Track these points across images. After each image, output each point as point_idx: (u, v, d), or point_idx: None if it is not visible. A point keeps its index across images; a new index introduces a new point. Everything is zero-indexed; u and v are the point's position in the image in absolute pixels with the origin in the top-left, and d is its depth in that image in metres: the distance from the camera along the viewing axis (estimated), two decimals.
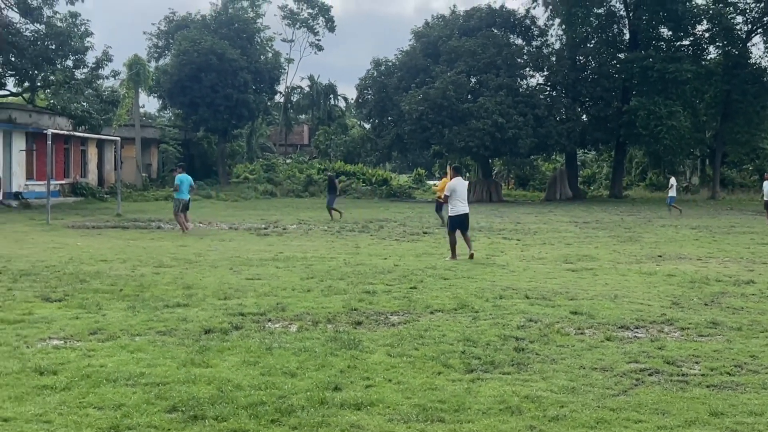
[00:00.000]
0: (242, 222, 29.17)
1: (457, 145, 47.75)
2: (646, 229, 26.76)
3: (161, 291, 12.13)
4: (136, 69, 52.31)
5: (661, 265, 16.60)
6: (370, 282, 13.40)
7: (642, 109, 47.06)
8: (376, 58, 56.24)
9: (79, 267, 14.95)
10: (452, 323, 9.95)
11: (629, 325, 10.07)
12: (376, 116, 55.83)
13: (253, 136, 70.41)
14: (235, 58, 53.18)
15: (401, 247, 20.28)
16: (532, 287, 13.00)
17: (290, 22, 73.39)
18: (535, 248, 20.12)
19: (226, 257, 17.07)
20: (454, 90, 47.50)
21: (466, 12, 55.87)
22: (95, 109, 39.36)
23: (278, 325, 9.84)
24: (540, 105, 48.73)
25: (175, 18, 60.75)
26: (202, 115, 54.70)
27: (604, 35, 54.49)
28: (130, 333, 9.14)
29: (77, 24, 38.21)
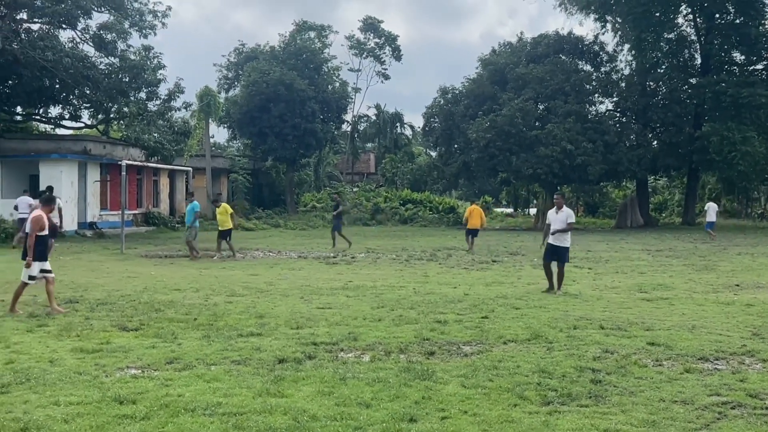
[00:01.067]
0: (311, 250, 29.32)
1: (525, 172, 47.44)
2: (721, 257, 26.16)
3: (234, 320, 12.24)
4: (207, 100, 53.17)
5: (739, 294, 16.21)
6: (441, 311, 13.34)
7: (715, 134, 46.12)
8: (442, 86, 56.20)
9: (154, 296, 15.18)
10: (526, 354, 9.85)
11: (709, 356, 9.84)
12: (442, 144, 55.74)
13: (320, 165, 70.88)
14: (303, 89, 53.77)
15: (470, 276, 20.15)
16: (606, 317, 12.80)
17: (357, 51, 73.94)
18: (607, 277, 19.83)
19: (297, 286, 17.16)
20: (521, 117, 47.26)
21: (534, 39, 55.56)
22: (167, 139, 40.02)
23: (351, 354, 9.84)
24: (609, 131, 48.14)
25: (244, 50, 61.72)
26: (270, 145, 55.32)
27: (675, 60, 53.64)
28: (206, 362, 9.24)
29: (150, 57, 38.99)
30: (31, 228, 13.06)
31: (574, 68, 52.12)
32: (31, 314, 12.81)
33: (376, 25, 72.97)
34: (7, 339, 10.64)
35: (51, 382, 8.26)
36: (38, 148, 38.96)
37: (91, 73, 36.19)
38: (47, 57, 33.90)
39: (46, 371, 8.75)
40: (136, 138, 38.80)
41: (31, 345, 10.29)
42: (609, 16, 53.54)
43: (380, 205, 57.21)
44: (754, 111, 47.30)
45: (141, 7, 38.50)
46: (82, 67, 35.68)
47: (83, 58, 36.47)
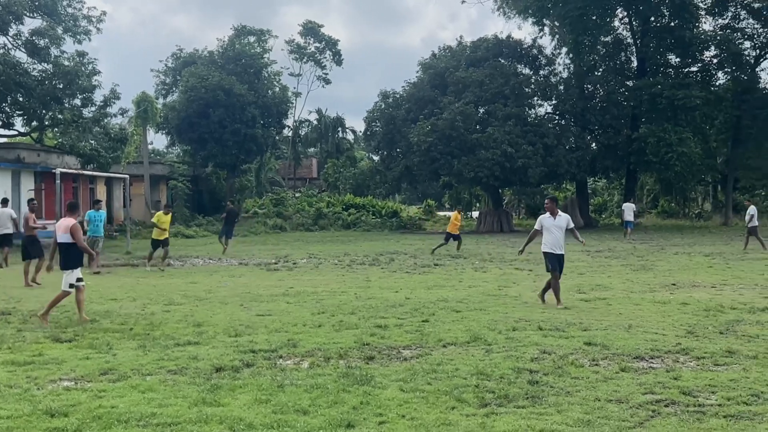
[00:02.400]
0: (252, 257, 29.13)
1: (467, 175, 47.70)
2: (659, 257, 26.59)
3: (172, 329, 12.08)
4: (144, 106, 52.47)
5: (675, 293, 16.49)
6: (382, 316, 13.33)
7: (652, 136, 46.95)
8: (383, 90, 56.32)
9: (89, 306, 14.86)
10: (465, 356, 9.88)
11: (644, 355, 9.98)
12: (384, 148, 55.76)
13: (261, 171, 70.49)
14: (242, 94, 53.40)
15: (412, 280, 20.19)
16: (545, 318, 12.90)
17: (297, 56, 73.79)
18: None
19: (237, 293, 17.02)
20: (462, 121, 47.52)
21: (473, 43, 55.96)
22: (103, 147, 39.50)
23: (290, 361, 9.77)
24: (549, 134, 48.67)
25: (182, 55, 61.17)
26: (210, 151, 54.80)
27: (612, 63, 54.52)
28: (141, 372, 9.09)
29: (84, 63, 38.44)
30: (76, 236, 13.36)
31: (514, 72, 52.60)
32: None
33: (317, 30, 72.93)
34: None
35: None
36: None
37: (23, 79, 35.54)
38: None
39: None
40: (72, 145, 38.15)
41: None
42: (547, 20, 54.29)
43: (323, 211, 57.06)
44: (690, 112, 48.32)
45: (75, 12, 37.94)
46: (14, 74, 35.01)
47: (15, 65, 35.78)
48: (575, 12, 48.12)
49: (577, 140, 51.31)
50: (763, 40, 52.69)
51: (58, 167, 34.90)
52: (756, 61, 53.41)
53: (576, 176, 51.72)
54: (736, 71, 52.60)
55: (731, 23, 52.92)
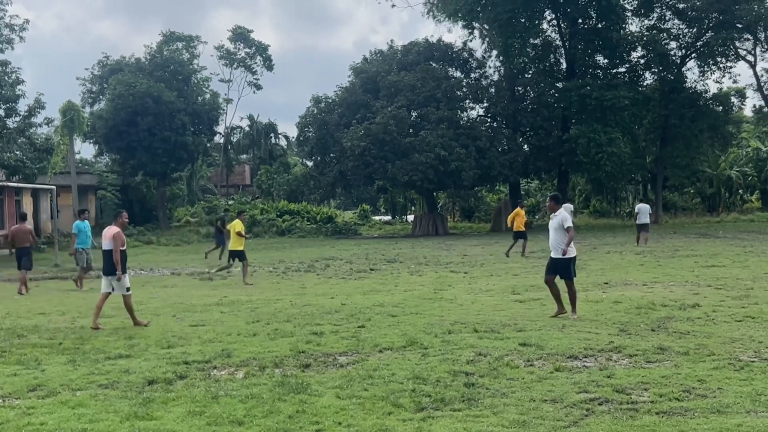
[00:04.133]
0: (185, 267, 28.76)
1: (401, 179, 47.84)
2: (591, 256, 26.96)
3: (102, 343, 11.83)
4: (70, 115, 51.42)
5: (608, 292, 16.72)
6: (318, 323, 13.25)
7: (582, 136, 47.70)
8: (315, 95, 56.00)
9: (17, 321, 14.55)
10: (401, 361, 9.85)
11: (578, 354, 10.08)
12: (318, 153, 55.53)
13: (193, 179, 69.80)
14: (171, 101, 52.73)
15: (348, 286, 20.13)
16: (480, 320, 12.95)
17: (227, 62, 73.20)
18: (482, 280, 20.14)
19: (169, 304, 16.78)
20: (395, 124, 47.66)
21: (404, 47, 56.20)
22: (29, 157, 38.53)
23: (224, 372, 9.64)
24: (481, 136, 49.10)
25: (108, 62, 60.03)
26: (139, 159, 53.99)
27: (542, 65, 55.22)
28: (71, 388, 8.87)
29: (8, 72, 37.59)
30: (115, 244, 13.64)
31: (445, 75, 52.92)
32: None
33: (246, 35, 72.39)
34: None
35: None
36: None
37: None
38: None
39: None
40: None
41: None
42: (476, 23, 54.71)
43: (257, 218, 56.64)
44: (619, 113, 49.21)
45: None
46: None
47: None
48: (504, 15, 48.62)
49: (509, 142, 51.85)
50: (689, 40, 54.00)
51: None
52: (682, 60, 54.64)
53: (509, 178, 52.27)
54: (662, 71, 53.79)
55: (657, 24, 54.18)
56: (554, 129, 51.59)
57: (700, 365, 9.21)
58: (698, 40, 53.78)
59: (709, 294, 15.85)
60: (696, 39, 53.83)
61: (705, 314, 13.08)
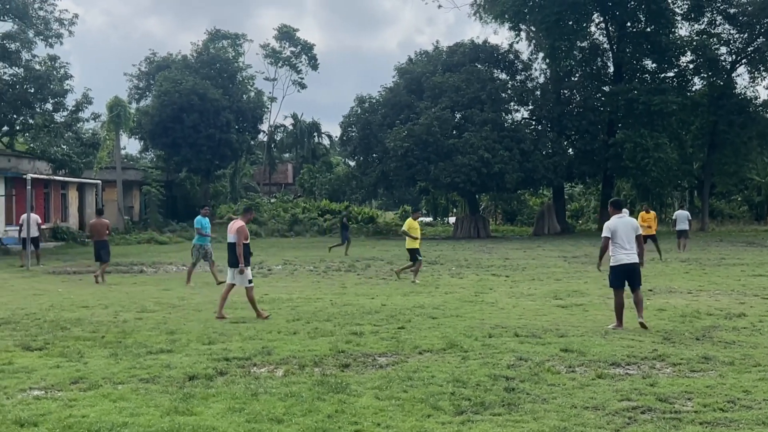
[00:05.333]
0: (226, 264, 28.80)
1: (443, 181, 47.76)
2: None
3: (144, 337, 11.92)
4: (117, 111, 52.13)
5: (652, 299, 16.47)
6: (357, 323, 13.23)
7: (628, 141, 47.23)
8: (359, 95, 56.27)
9: (60, 314, 14.71)
10: (441, 364, 9.79)
11: (620, 361, 9.93)
12: (360, 153, 55.70)
13: (236, 176, 70.30)
14: (216, 98, 53.12)
15: (388, 286, 20.09)
16: (521, 325, 12.85)
17: (273, 60, 73.59)
18: (524, 284, 19.99)
19: (210, 300, 16.83)
20: (438, 126, 47.59)
21: (450, 48, 56.13)
22: (75, 152, 38.84)
23: (264, 369, 9.64)
24: (526, 139, 48.84)
25: (155, 59, 60.77)
26: (184, 156, 54.51)
27: (589, 68, 54.82)
28: (113, 381, 8.93)
29: (56, 67, 37.92)
30: (238, 237, 14.15)
31: (490, 77, 52.77)
32: None
33: (292, 34, 72.78)
34: None
35: None
36: None
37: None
38: None
39: None
40: (43, 150, 37.64)
41: None
42: (523, 25, 54.41)
43: (298, 216, 56.94)
44: (666, 118, 48.63)
45: (46, 15, 37.33)
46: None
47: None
48: (552, 17, 48.33)
49: (554, 146, 51.49)
50: (739, 45, 53.23)
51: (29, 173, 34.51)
52: (732, 66, 53.90)
53: (553, 182, 51.90)
54: (712, 77, 53.06)
55: (707, 29, 53.48)
56: (600, 133, 51.10)
57: (746, 376, 9.03)
58: (749, 46, 53.04)
59: (755, 303, 15.58)
60: (747, 45, 53.07)
61: (751, 324, 12.86)
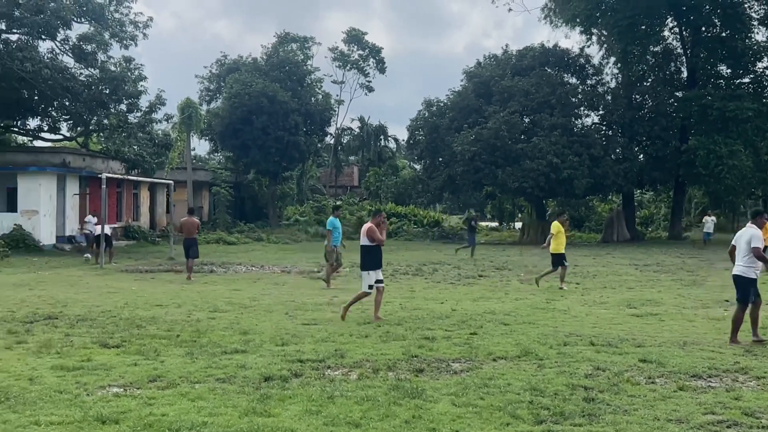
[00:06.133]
0: (294, 265, 29.07)
1: (511, 185, 47.38)
2: (709, 272, 26.09)
3: (218, 337, 12.00)
4: (189, 112, 52.86)
5: (729, 310, 16.02)
6: (429, 327, 13.15)
7: (701, 148, 46.17)
8: (427, 99, 56.02)
9: (135, 312, 14.92)
10: (517, 371, 9.66)
11: (702, 374, 9.69)
12: (427, 157, 55.56)
13: (303, 178, 70.65)
14: (286, 101, 53.46)
15: (457, 291, 19.97)
16: (596, 333, 12.63)
17: (341, 63, 73.83)
18: (595, 292, 19.68)
19: (281, 302, 16.94)
20: (507, 130, 47.23)
21: (519, 51, 55.61)
22: (148, 152, 39.47)
23: (338, 372, 9.63)
24: (596, 145, 48.15)
25: (226, 61, 61.46)
26: (253, 158, 54.97)
27: (661, 73, 53.82)
28: (190, 380, 9.01)
29: (131, 68, 38.57)
30: (371, 237, 14.21)
31: (560, 81, 52.19)
32: (9, 331, 12.53)
33: (360, 37, 72.89)
34: None
35: (31, 401, 8.03)
36: (16, 160, 38.52)
37: (70, 84, 35.79)
38: (26, 68, 33.50)
39: (26, 390, 8.52)
40: (116, 150, 38.32)
41: (10, 362, 10.03)
42: (595, 29, 53.66)
43: (364, 219, 56.98)
44: (741, 124, 47.31)
45: (122, 17, 38.05)
46: (61, 79, 35.27)
47: (63, 70, 36.05)
48: (624, 21, 47.58)
49: (624, 151, 50.68)
50: None
51: (103, 172, 35.16)
52: None
53: (623, 188, 51.06)
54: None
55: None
56: (672, 139, 49.96)
57: None
58: None
59: None
60: None
61: None
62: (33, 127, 41.59)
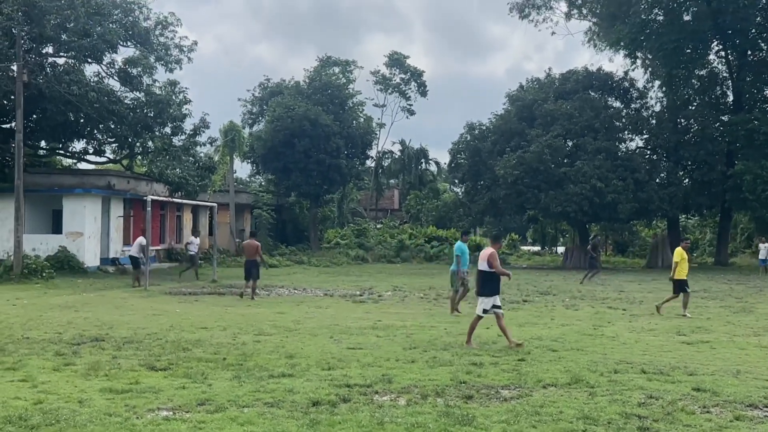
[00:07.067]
0: (336, 288, 29.02)
1: (554, 210, 47.05)
2: (758, 298, 25.57)
3: (264, 360, 11.95)
4: (232, 135, 53.25)
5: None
6: (476, 353, 13.02)
7: (748, 173, 45.47)
8: (469, 122, 55.92)
9: (180, 335, 14.93)
10: (568, 399, 9.48)
11: (758, 403, 9.46)
12: (469, 180, 55.39)
13: (344, 201, 70.81)
14: (328, 124, 53.66)
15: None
16: (647, 361, 12.39)
17: (382, 87, 74.09)
18: (643, 319, 19.36)
19: (325, 325, 16.87)
20: (550, 154, 46.99)
21: (562, 75, 55.35)
22: (191, 175, 39.73)
23: (386, 397, 9.51)
24: (640, 169, 47.67)
25: (269, 85, 61.94)
26: (294, 181, 55.15)
27: (707, 97, 53.27)
28: (238, 404, 8.95)
29: (176, 92, 38.88)
30: (495, 264, 14.48)
31: (604, 105, 51.84)
32: (57, 353, 12.59)
33: (402, 61, 73.12)
34: (34, 378, 10.43)
35: (81, 423, 8.02)
36: (62, 182, 38.99)
37: (116, 107, 36.12)
38: (72, 91, 33.92)
39: (76, 412, 8.51)
40: (160, 173, 38.60)
41: (59, 384, 10.06)
42: (639, 53, 53.38)
43: (405, 242, 56.96)
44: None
45: (167, 41, 38.40)
46: (107, 102, 35.60)
47: (108, 93, 36.39)
48: (669, 45, 47.25)
49: (669, 176, 50.17)
50: None
51: (147, 194, 35.45)
52: None
53: (668, 213, 50.38)
54: None
55: None
56: (718, 164, 49.28)
57: None
58: None
59: None
60: None
61: None
62: (78, 149, 42.05)
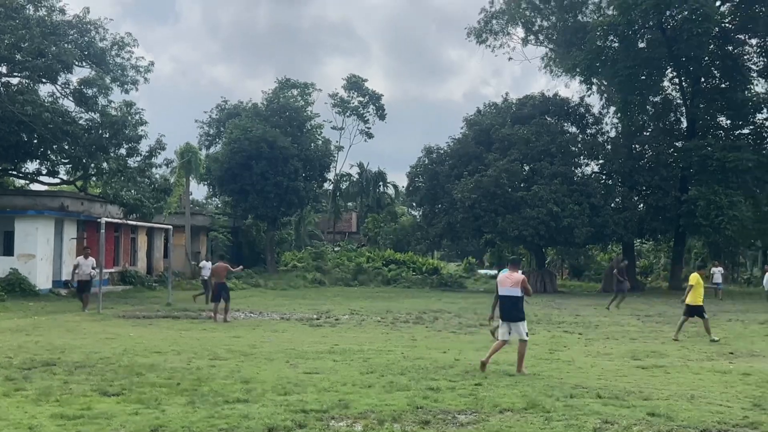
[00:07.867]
0: (293, 312, 28.83)
1: (511, 233, 47.26)
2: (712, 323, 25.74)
3: (219, 385, 11.79)
4: (188, 157, 52.79)
5: (735, 362, 15.90)
6: (432, 377, 12.95)
7: (702, 198, 46.11)
8: (427, 146, 56.02)
9: (134, 359, 14.69)
10: (524, 424, 9.48)
11: (711, 428, 9.56)
12: (427, 203, 55.54)
13: (301, 224, 70.53)
14: (285, 146, 53.34)
15: (459, 340, 19.78)
16: (602, 385, 12.44)
17: (341, 110, 74.17)
18: (599, 343, 19.48)
19: (281, 349, 16.73)
20: (507, 178, 47.29)
21: (519, 100, 55.87)
22: (147, 197, 39.18)
23: (342, 423, 9.43)
24: (596, 194, 48.17)
25: (226, 106, 61.61)
26: (251, 203, 54.68)
27: (661, 123, 54.08)
28: (192, 430, 8.82)
29: (131, 113, 38.37)
30: (524, 288, 14.14)
31: (560, 130, 52.42)
32: (6, 377, 12.32)
33: (360, 84, 73.33)
34: None
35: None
36: (14, 204, 38.26)
37: (70, 128, 35.52)
38: (26, 111, 33.28)
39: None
40: (115, 195, 38.03)
41: (9, 410, 9.81)
42: (595, 79, 54.01)
43: (363, 266, 56.87)
44: (741, 175, 47.27)
45: (123, 62, 37.92)
46: (61, 122, 35.01)
47: (63, 113, 35.81)
48: (624, 71, 47.88)
49: (625, 201, 50.78)
50: None
51: (102, 216, 34.99)
52: None
53: (623, 237, 50.86)
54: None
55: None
56: (672, 189, 49.93)
57: None
58: None
59: None
60: None
61: None
62: (32, 170, 41.22)
